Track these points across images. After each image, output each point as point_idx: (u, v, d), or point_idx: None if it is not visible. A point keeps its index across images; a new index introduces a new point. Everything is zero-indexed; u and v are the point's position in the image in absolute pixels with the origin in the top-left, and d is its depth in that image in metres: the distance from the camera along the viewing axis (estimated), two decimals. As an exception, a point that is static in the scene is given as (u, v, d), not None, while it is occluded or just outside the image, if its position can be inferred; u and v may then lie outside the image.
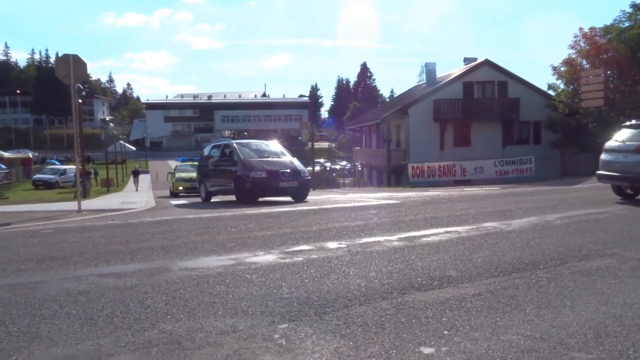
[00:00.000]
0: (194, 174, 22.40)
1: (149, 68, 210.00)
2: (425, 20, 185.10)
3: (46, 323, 3.13)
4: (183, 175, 23.71)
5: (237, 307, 3.37)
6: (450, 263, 4.56)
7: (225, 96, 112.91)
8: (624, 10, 27.61)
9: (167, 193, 25.49)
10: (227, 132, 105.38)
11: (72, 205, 13.85)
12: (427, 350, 2.61)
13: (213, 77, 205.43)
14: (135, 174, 37.48)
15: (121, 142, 58.14)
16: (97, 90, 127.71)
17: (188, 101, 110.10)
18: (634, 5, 27.00)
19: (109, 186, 34.13)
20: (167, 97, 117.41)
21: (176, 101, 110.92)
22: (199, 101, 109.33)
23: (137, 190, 32.09)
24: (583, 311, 3.20)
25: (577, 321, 3.01)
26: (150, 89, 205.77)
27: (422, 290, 3.71)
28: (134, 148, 77.55)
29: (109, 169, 38.63)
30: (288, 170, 13.18)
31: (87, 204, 15.31)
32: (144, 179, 43.79)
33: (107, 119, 47.32)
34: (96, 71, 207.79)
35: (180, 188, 22.87)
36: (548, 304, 3.37)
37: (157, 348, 2.69)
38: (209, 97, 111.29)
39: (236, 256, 5.08)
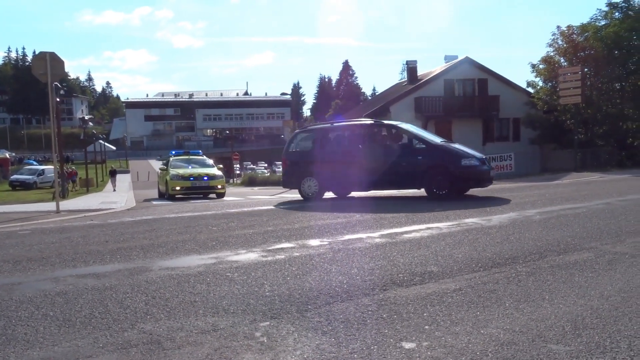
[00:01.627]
0: (194, 171, 19.12)
1: (128, 66, 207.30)
2: (406, 17, 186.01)
3: (22, 325, 3.08)
4: (180, 172, 19.16)
5: (218, 306, 3.35)
6: (431, 259, 4.59)
7: (206, 94, 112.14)
8: (600, 9, 28.17)
9: (155, 194, 21.92)
10: (208, 131, 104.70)
11: (51, 205, 13.63)
12: (408, 345, 2.62)
13: (194, 75, 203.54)
14: (113, 173, 37.04)
15: (101, 141, 57.37)
16: (76, 89, 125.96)
17: (169, 100, 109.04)
18: (609, 4, 27.52)
19: (89, 186, 33.67)
20: (147, 95, 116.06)
21: (157, 100, 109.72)
22: (180, 100, 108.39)
23: (114, 190, 31.67)
24: (561, 304, 3.24)
25: (556, 314, 3.05)
26: (131, 87, 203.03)
27: (403, 286, 3.73)
28: (113, 147, 76.60)
29: (89, 169, 38.12)
30: (484, 157, 11.16)
31: (66, 204, 15.08)
32: (124, 179, 43.28)
33: (86, 118, 46.46)
34: (75, 69, 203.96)
35: (178, 188, 18.57)
36: (527, 297, 3.41)
37: (137, 348, 2.66)
38: (190, 95, 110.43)
39: (217, 255, 5.05)
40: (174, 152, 22.63)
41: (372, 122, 12.53)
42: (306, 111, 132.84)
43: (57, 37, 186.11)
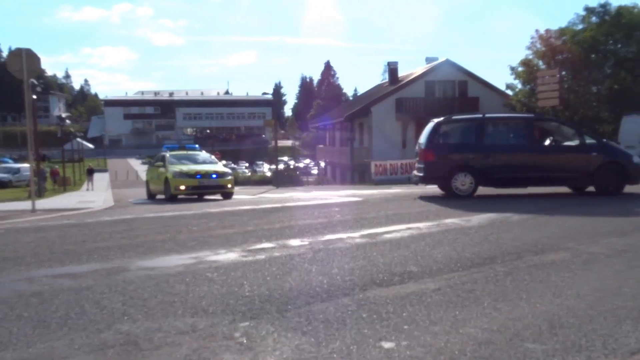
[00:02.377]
0: (201, 168, 16.34)
1: (107, 64, 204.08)
2: (388, 19, 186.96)
3: (-5, 326, 3.01)
4: (184, 168, 16.09)
5: (198, 306, 3.32)
6: (411, 259, 4.62)
7: (187, 93, 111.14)
8: (578, 13, 28.67)
9: (138, 194, 19.82)
10: (189, 129, 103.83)
11: (26, 204, 13.36)
12: (387, 344, 2.63)
13: (175, 73, 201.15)
14: (90, 172, 36.49)
15: (78, 139, 56.41)
16: (53, 86, 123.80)
17: (149, 98, 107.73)
18: (587, 9, 28.04)
19: (66, 185, 33.12)
20: (126, 93, 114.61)
21: (136, 98, 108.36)
22: (160, 98, 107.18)
23: (90, 189, 31.16)
24: (538, 303, 3.29)
25: (533, 313, 3.09)
26: (109, 85, 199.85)
27: (383, 286, 3.74)
28: (91, 146, 75.38)
29: (66, 168, 37.52)
30: None
31: (42, 203, 14.79)
32: (103, 178, 42.68)
33: (63, 116, 45.80)
34: (52, 66, 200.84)
35: (182, 187, 15.61)
36: (505, 297, 3.45)
37: (113, 349, 2.62)
38: (171, 94, 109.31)
39: (197, 255, 5.01)
40: (167, 147, 19.44)
41: (533, 115, 12.28)
42: (288, 111, 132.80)
43: (34, 33, 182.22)
